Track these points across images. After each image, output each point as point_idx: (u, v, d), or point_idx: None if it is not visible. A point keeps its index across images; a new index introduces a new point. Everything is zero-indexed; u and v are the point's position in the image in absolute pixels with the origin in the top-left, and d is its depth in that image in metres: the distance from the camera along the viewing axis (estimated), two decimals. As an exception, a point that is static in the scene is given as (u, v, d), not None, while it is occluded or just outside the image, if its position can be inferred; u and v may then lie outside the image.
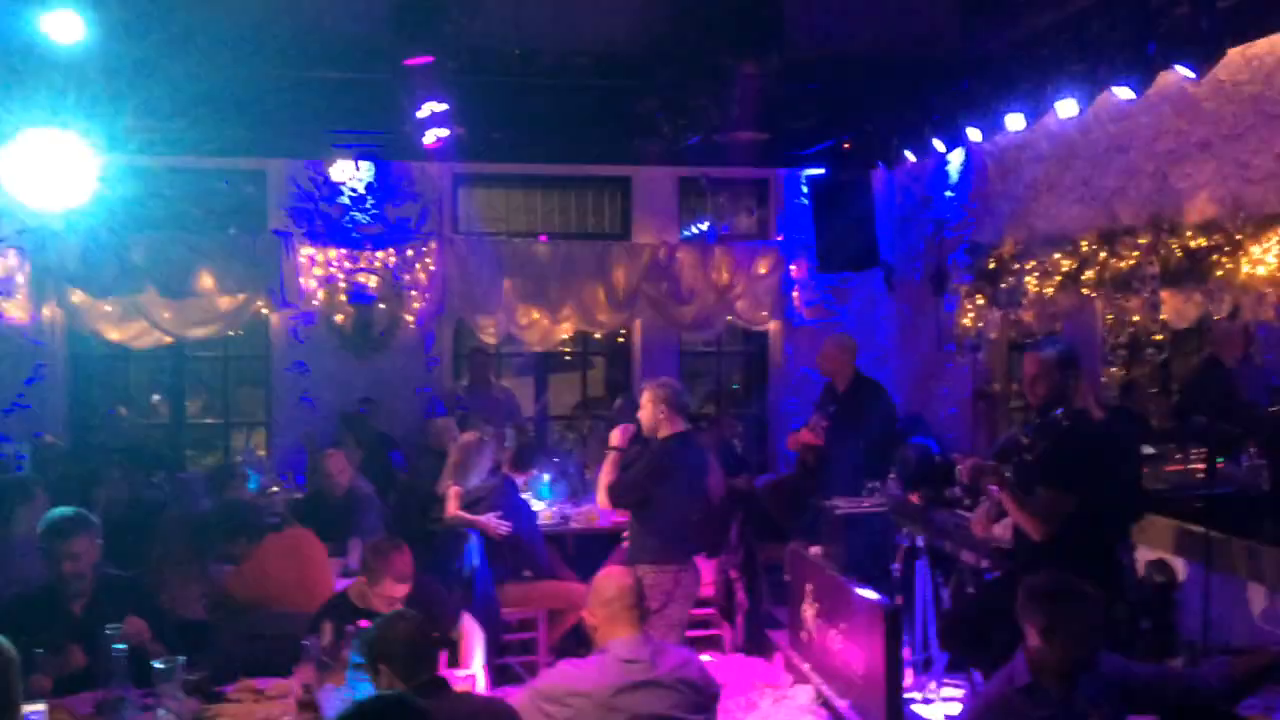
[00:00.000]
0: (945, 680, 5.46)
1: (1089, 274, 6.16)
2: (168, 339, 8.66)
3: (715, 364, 10.28)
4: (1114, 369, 6.54)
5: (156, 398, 9.69)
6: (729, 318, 9.55)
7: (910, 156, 7.59)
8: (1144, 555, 5.13)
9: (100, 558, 4.20)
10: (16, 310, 8.42)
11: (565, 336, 9.49)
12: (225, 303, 8.64)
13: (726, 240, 9.62)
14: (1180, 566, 5.13)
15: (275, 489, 7.69)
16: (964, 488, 5.32)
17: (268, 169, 8.90)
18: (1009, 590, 3.49)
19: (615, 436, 5.27)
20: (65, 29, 4.94)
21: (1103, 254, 6.06)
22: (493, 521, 5.88)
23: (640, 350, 9.60)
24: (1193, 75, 4.82)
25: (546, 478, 7.43)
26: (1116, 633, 4.11)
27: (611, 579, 3.56)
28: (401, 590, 4.13)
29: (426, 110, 6.21)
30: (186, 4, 5.80)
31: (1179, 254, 5.49)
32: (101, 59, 5.51)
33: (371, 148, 8.70)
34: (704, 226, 9.74)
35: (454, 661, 4.36)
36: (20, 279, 8.38)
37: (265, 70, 6.73)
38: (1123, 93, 5.19)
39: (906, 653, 5.26)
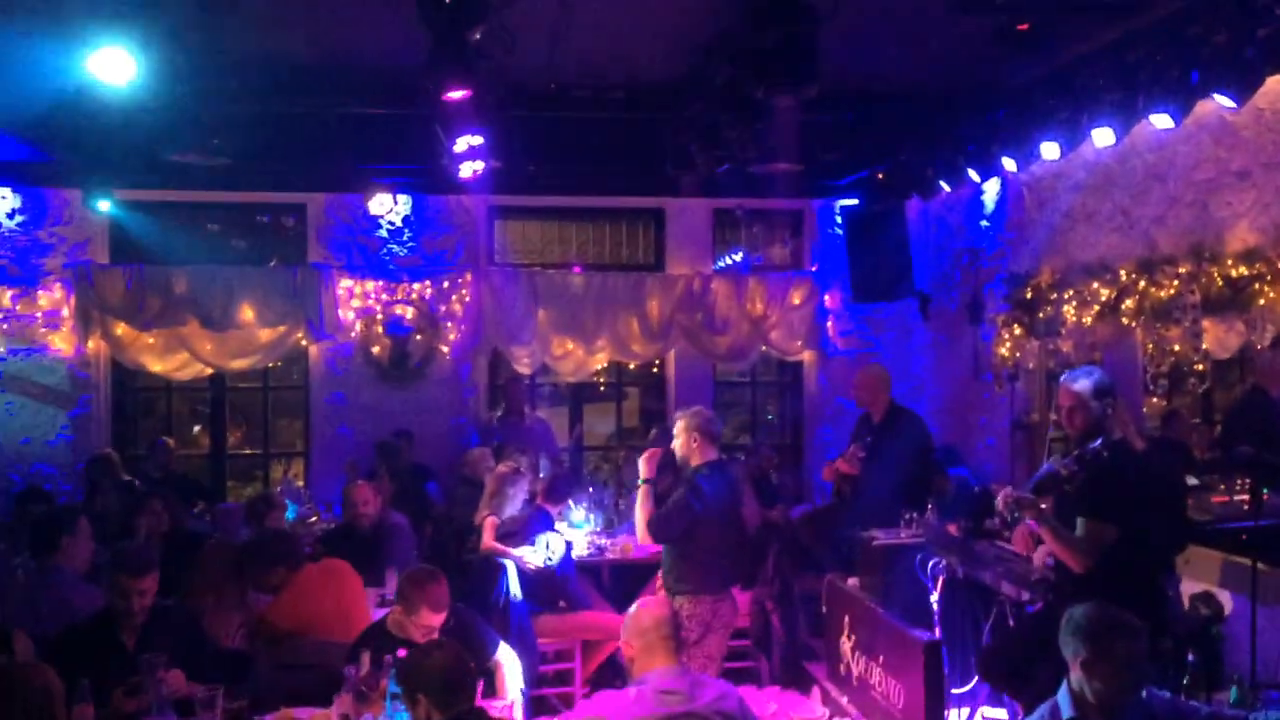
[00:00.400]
0: (986, 714, 5.37)
1: (1128, 303, 6.10)
2: (209, 370, 8.83)
3: (750, 394, 10.26)
4: (1155, 399, 6.46)
5: (197, 428, 9.82)
6: (763, 348, 9.55)
7: (945, 186, 7.57)
8: (1189, 588, 5.04)
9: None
10: (62, 343, 8.63)
11: (600, 367, 9.55)
12: (265, 334, 8.78)
13: (761, 271, 9.64)
14: (1226, 599, 5.02)
15: (314, 519, 7.75)
16: (1002, 520, 5.26)
17: (307, 203, 9.06)
18: (1050, 622, 3.44)
19: (644, 468, 5.15)
20: (114, 70, 5.06)
21: (1142, 283, 6.00)
22: (526, 556, 5.88)
23: (675, 381, 9.61)
24: (1233, 104, 4.79)
25: (581, 509, 7.42)
26: (1162, 666, 4.03)
27: (648, 609, 3.55)
28: (438, 620, 4.13)
29: (463, 144, 6.27)
30: (228, 43, 5.93)
31: (1220, 283, 5.43)
32: (147, 98, 5.65)
33: (409, 181, 8.83)
34: (738, 257, 9.76)
35: (490, 692, 4.35)
36: (66, 312, 8.59)
37: (305, 106, 6.87)
38: (1161, 121, 5.16)
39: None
